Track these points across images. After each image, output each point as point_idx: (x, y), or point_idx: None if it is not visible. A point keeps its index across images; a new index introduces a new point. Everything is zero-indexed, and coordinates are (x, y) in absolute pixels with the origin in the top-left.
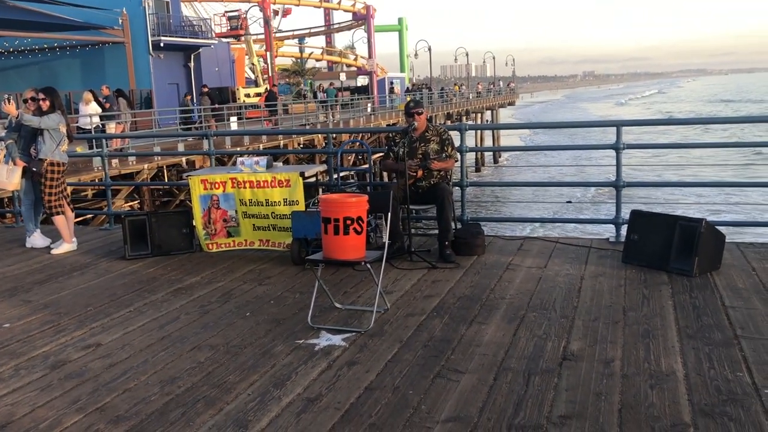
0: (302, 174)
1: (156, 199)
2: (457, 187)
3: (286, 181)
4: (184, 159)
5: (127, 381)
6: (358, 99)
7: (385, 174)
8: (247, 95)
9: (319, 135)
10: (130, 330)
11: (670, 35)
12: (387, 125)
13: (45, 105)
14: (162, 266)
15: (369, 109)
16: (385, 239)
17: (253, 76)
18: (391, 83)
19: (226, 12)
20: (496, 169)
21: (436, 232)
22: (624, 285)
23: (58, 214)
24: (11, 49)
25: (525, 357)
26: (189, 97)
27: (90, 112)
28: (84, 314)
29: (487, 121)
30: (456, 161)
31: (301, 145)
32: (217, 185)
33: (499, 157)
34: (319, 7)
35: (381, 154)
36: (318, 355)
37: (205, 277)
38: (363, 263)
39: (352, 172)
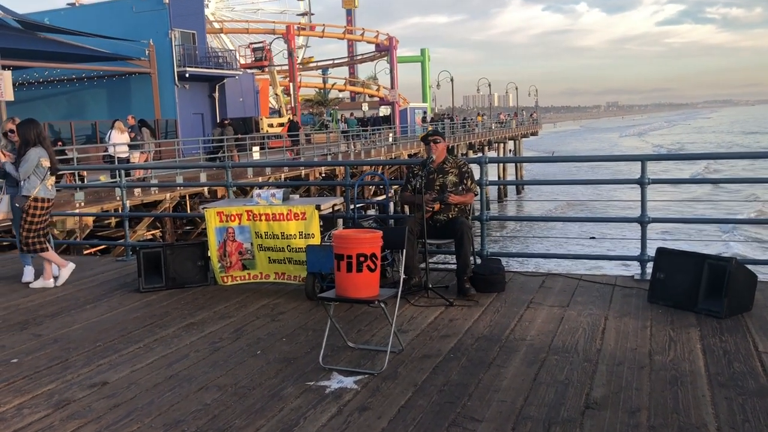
0: (318, 207)
1: (178, 228)
2: (477, 221)
3: (302, 214)
4: (206, 189)
5: (131, 423)
6: (376, 129)
7: (406, 207)
8: (270, 125)
9: (341, 166)
10: (137, 368)
11: (695, 66)
12: (409, 155)
13: (14, 138)
14: (175, 300)
15: (390, 139)
16: (401, 276)
17: (276, 107)
18: (424, 113)
19: (251, 44)
20: (518, 202)
21: (455, 267)
22: (650, 326)
23: (36, 251)
24: (40, 80)
25: (545, 404)
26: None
27: (122, 141)
28: (93, 350)
29: (510, 151)
30: (476, 195)
31: (323, 176)
32: (233, 217)
33: (522, 189)
34: (342, 39)
35: (400, 186)
36: (328, 398)
37: (218, 311)
38: (376, 302)
39: (373, 205)
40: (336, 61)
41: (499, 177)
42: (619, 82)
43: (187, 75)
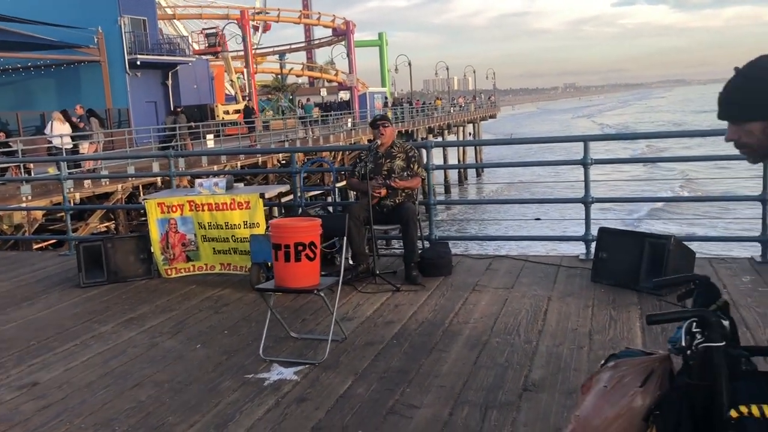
0: (262, 195)
1: (133, 219)
2: (424, 206)
3: (246, 203)
4: (159, 179)
5: (60, 424)
6: (335, 115)
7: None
8: (226, 112)
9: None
10: (71, 366)
11: (649, 46)
12: (368, 140)
13: None
14: (117, 294)
15: (349, 125)
16: (341, 263)
17: (233, 93)
18: (385, 98)
19: (204, 29)
20: (478, 185)
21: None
22: (592, 306)
23: None
24: None
25: (484, 388)
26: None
27: (64, 131)
28: (26, 349)
29: (470, 134)
30: (423, 179)
31: (283, 163)
32: (174, 208)
33: (482, 171)
34: (299, 23)
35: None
36: (267, 391)
37: (159, 305)
38: (315, 292)
39: (316, 193)
40: (293, 46)
41: (459, 161)
42: (576, 63)
43: (138, 62)
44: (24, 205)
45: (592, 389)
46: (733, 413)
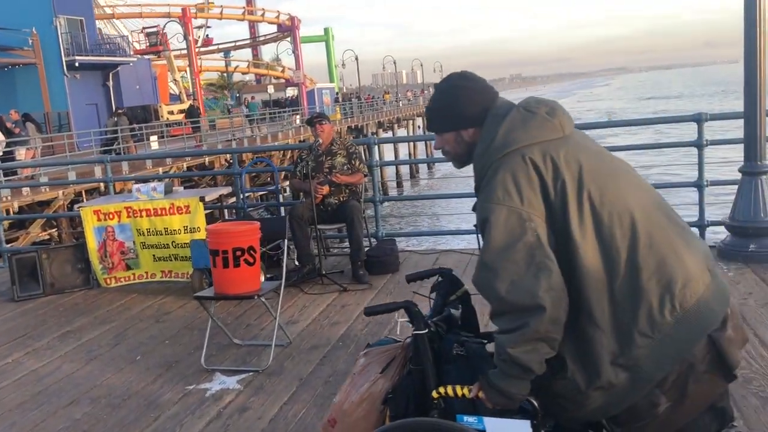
0: (202, 198)
1: (77, 226)
2: (371, 203)
3: (186, 207)
4: (102, 185)
5: None
6: (281, 112)
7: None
8: (171, 112)
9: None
10: (2, 386)
11: (592, 36)
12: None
13: None
14: (53, 307)
15: (297, 122)
16: (284, 267)
17: (177, 93)
18: (337, 94)
19: (145, 28)
20: (428, 180)
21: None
22: None
23: None
24: None
25: None
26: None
27: None
28: None
29: (419, 127)
30: (365, 175)
31: (231, 163)
32: (111, 215)
33: (432, 165)
34: (242, 20)
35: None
36: (208, 402)
37: (98, 317)
38: (257, 297)
39: (264, 193)
40: (238, 43)
41: (410, 155)
42: (522, 54)
43: (77, 64)
44: None
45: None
46: (434, 394)
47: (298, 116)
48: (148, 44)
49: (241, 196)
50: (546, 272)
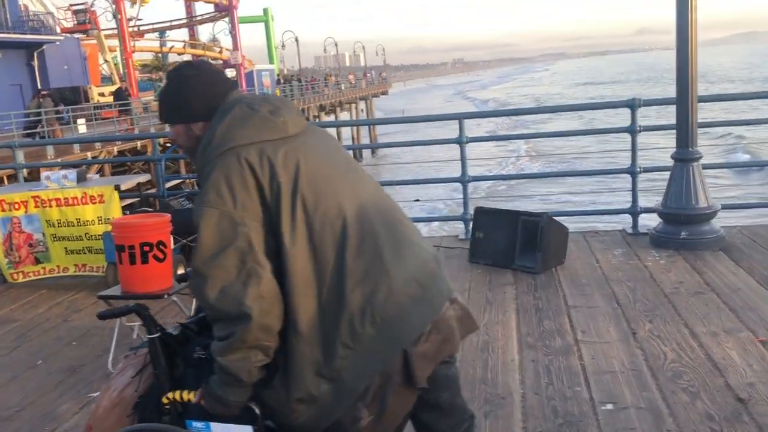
0: (118, 187)
1: None
2: None
3: (99, 196)
4: (25, 171)
5: None
6: None
7: None
8: (101, 94)
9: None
10: None
11: (531, 21)
12: None
13: None
14: None
15: None
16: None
17: (109, 74)
18: (278, 76)
19: (72, 5)
20: (373, 166)
21: None
22: (468, 289)
23: None
24: None
25: None
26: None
27: None
28: None
29: (362, 111)
30: None
31: (169, 146)
32: (17, 206)
33: (376, 151)
34: None
35: None
36: None
37: (0, 316)
38: (167, 296)
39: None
40: (174, 23)
41: (353, 139)
42: (464, 39)
43: None
44: None
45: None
46: (164, 399)
47: None
48: (75, 22)
49: (161, 185)
50: (255, 279)
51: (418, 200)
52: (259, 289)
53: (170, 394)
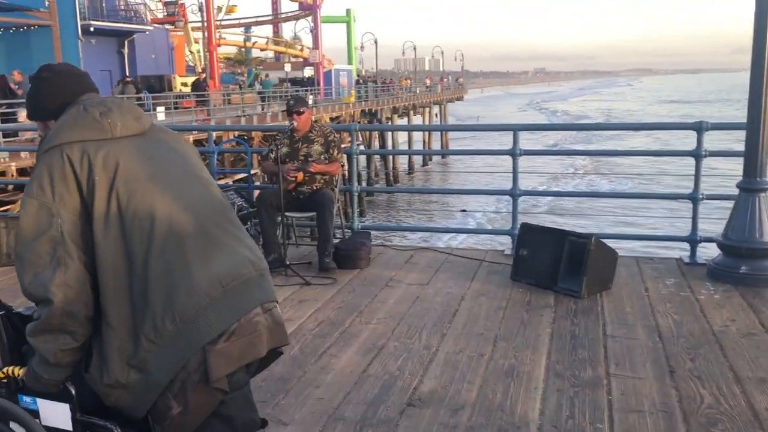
0: None
1: None
2: (347, 193)
3: None
4: None
5: None
6: (296, 91)
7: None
8: (184, 84)
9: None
10: None
11: (618, 35)
12: (330, 118)
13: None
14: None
15: (311, 102)
16: None
17: (194, 65)
18: (359, 76)
19: None
20: (425, 174)
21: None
22: (505, 308)
23: None
24: None
25: (365, 402)
26: (118, 87)
27: None
28: None
29: (436, 115)
30: (342, 165)
31: (237, 136)
32: None
33: (429, 159)
34: None
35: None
36: None
37: None
38: None
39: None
40: (259, 19)
41: (424, 145)
42: (547, 48)
43: (92, 29)
44: None
45: None
46: (0, 374)
47: (312, 96)
48: (166, 13)
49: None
50: (63, 267)
51: (464, 210)
52: (65, 277)
53: (6, 369)
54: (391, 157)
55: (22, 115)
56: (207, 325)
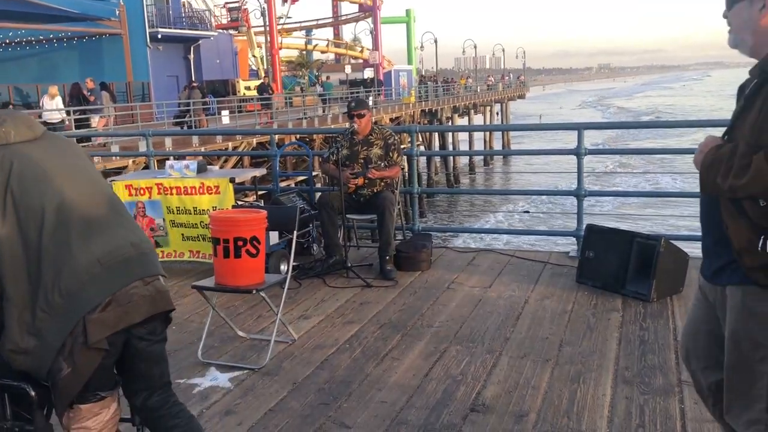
0: (233, 179)
1: None
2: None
3: (215, 187)
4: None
5: None
6: (357, 93)
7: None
8: (247, 88)
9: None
10: None
11: (685, 27)
12: (390, 119)
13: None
14: None
15: (371, 103)
16: (289, 263)
17: (256, 69)
18: (422, 75)
19: (227, 3)
20: (485, 174)
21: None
22: (570, 311)
23: None
24: (8, 41)
25: (428, 407)
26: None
27: (55, 106)
28: None
29: (497, 114)
30: (402, 168)
31: (298, 138)
32: (142, 191)
33: (491, 159)
34: None
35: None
36: (193, 400)
37: None
38: (255, 292)
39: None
40: (320, 22)
41: (485, 145)
42: (611, 43)
43: (159, 36)
44: None
45: None
46: None
47: (371, 97)
48: (229, 19)
49: (275, 180)
50: None
51: (527, 212)
52: None
53: None
54: (451, 157)
55: (95, 120)
56: (87, 297)
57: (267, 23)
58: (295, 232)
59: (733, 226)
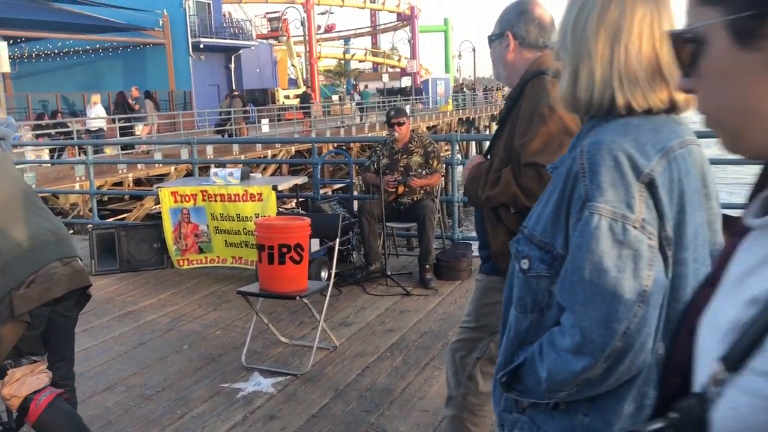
0: (275, 187)
1: None
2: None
3: (258, 194)
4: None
5: None
6: (394, 101)
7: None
8: (287, 97)
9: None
10: None
11: None
12: (427, 128)
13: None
14: (125, 284)
15: (408, 111)
16: (332, 269)
17: (295, 78)
18: (461, 84)
19: (267, 14)
20: None
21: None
22: None
23: None
24: (56, 51)
25: None
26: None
27: (95, 114)
28: None
29: None
30: (442, 176)
31: (336, 146)
32: (187, 198)
33: None
34: (363, 8)
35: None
36: (238, 404)
37: (162, 299)
38: (298, 298)
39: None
40: (358, 31)
41: None
42: None
43: (201, 46)
44: (78, 186)
45: None
46: None
47: (408, 105)
48: (269, 29)
49: (317, 187)
50: None
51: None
52: None
53: None
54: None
55: (139, 128)
56: (12, 276)
57: (306, 33)
58: (337, 239)
59: (492, 232)
